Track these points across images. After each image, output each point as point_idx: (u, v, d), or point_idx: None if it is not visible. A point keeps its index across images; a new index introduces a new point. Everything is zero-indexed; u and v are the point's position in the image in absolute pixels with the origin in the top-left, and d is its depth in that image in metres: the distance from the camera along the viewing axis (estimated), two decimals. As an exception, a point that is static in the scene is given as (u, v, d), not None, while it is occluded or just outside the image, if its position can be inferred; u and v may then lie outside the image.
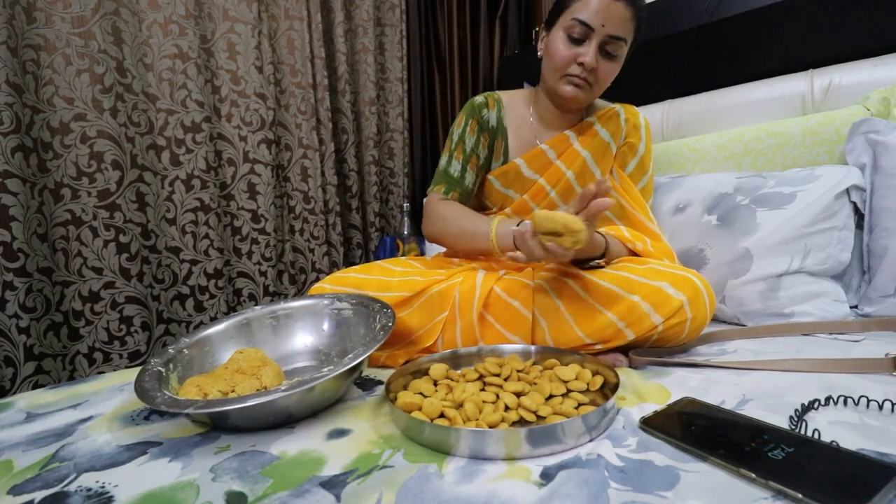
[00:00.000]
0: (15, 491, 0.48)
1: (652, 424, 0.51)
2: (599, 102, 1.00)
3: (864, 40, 1.11)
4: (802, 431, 0.47)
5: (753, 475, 0.40)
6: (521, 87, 0.99)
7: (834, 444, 0.43)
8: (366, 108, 1.81)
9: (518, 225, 0.79)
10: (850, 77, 1.09)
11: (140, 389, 0.60)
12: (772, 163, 1.10)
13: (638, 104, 1.49)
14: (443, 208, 0.92)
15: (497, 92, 1.01)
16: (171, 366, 0.68)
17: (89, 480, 0.49)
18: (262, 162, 1.53)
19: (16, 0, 1.14)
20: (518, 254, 0.70)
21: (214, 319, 1.44)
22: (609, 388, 0.60)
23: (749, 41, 1.25)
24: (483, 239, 0.83)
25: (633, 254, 0.85)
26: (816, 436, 0.46)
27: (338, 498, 0.43)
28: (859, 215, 0.94)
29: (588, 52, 0.83)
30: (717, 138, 1.21)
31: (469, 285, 0.80)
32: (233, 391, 0.62)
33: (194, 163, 1.41)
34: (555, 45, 0.86)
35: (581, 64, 0.84)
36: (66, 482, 0.49)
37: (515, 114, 0.99)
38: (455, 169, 0.95)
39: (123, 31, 1.29)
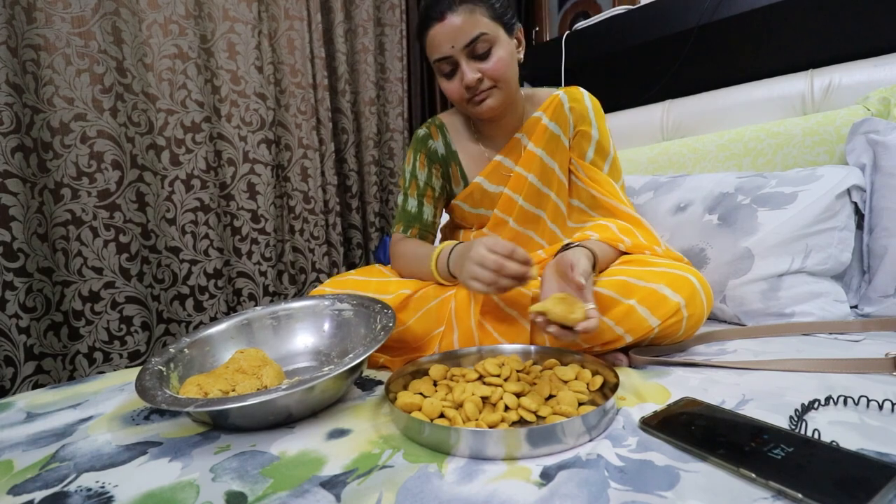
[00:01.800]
0: (15, 491, 0.48)
1: (652, 424, 0.51)
2: (541, 92, 0.96)
3: (864, 40, 1.11)
4: (802, 431, 0.47)
5: (753, 475, 0.40)
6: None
7: (834, 443, 0.43)
8: (366, 108, 1.81)
9: (451, 253, 0.80)
10: (850, 77, 1.09)
11: (141, 388, 0.60)
12: (772, 163, 1.10)
13: (638, 104, 1.50)
14: (399, 248, 0.93)
15: (438, 116, 1.01)
16: (171, 365, 0.69)
17: (89, 480, 0.49)
18: (262, 162, 1.53)
19: (16, 0, 1.14)
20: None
21: (214, 319, 1.44)
22: (609, 388, 0.60)
23: (749, 41, 1.25)
24: (427, 275, 0.85)
25: (622, 252, 0.84)
26: (816, 436, 0.46)
27: (338, 498, 0.43)
28: (859, 215, 0.95)
29: (465, 75, 0.82)
30: (717, 138, 1.21)
31: (465, 293, 0.80)
32: (233, 390, 0.62)
33: (194, 163, 1.41)
34: (444, 87, 0.87)
35: (468, 87, 0.83)
36: (66, 482, 0.49)
37: (460, 134, 0.98)
38: (412, 205, 0.96)
39: (123, 31, 1.29)
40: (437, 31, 0.80)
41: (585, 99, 0.92)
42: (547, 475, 0.45)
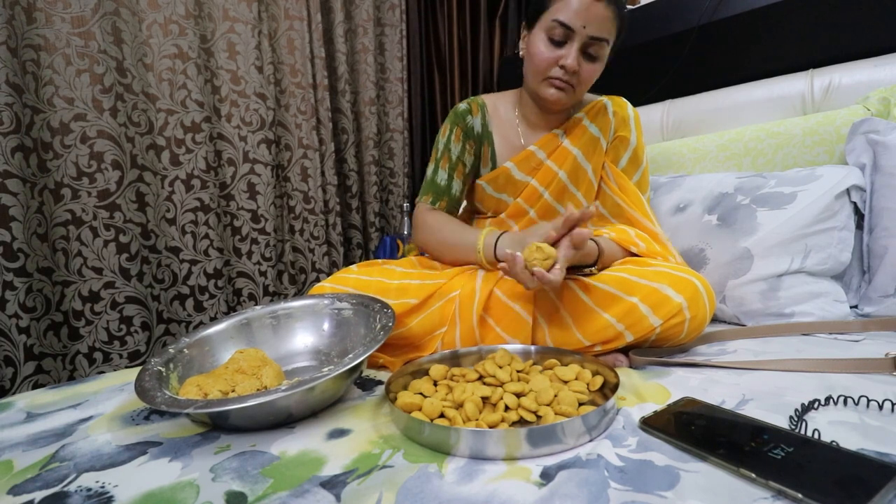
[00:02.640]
0: (15, 491, 0.48)
1: (652, 424, 0.51)
2: (587, 97, 0.98)
3: (864, 40, 1.11)
4: (802, 431, 0.47)
5: (753, 475, 0.40)
6: (521, 87, 0.98)
7: (834, 443, 0.43)
8: (366, 108, 1.81)
9: (498, 238, 0.80)
10: (850, 77, 1.09)
11: (140, 389, 0.60)
12: (772, 163, 1.10)
13: (638, 104, 1.49)
14: (430, 219, 0.92)
15: (481, 96, 1.00)
16: (171, 365, 0.68)
17: (89, 480, 0.49)
18: (262, 162, 1.53)
19: (16, 0, 1.14)
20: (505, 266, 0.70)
21: (214, 319, 1.44)
22: (609, 388, 0.60)
23: (749, 41, 1.25)
24: (470, 252, 0.84)
25: (633, 255, 0.85)
26: (816, 436, 0.46)
27: (338, 498, 0.43)
28: (859, 215, 0.94)
29: (570, 55, 0.81)
30: (717, 138, 1.21)
31: (469, 289, 0.80)
32: (233, 391, 0.62)
33: (194, 163, 1.41)
34: (536, 46, 0.84)
35: (563, 67, 0.82)
36: (66, 482, 0.49)
37: (500, 117, 0.98)
38: (442, 178, 0.95)
39: (123, 31, 1.29)
40: (584, 3, 0.79)
41: (628, 108, 0.94)
42: (547, 475, 0.45)
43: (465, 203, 1.08)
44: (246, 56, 1.48)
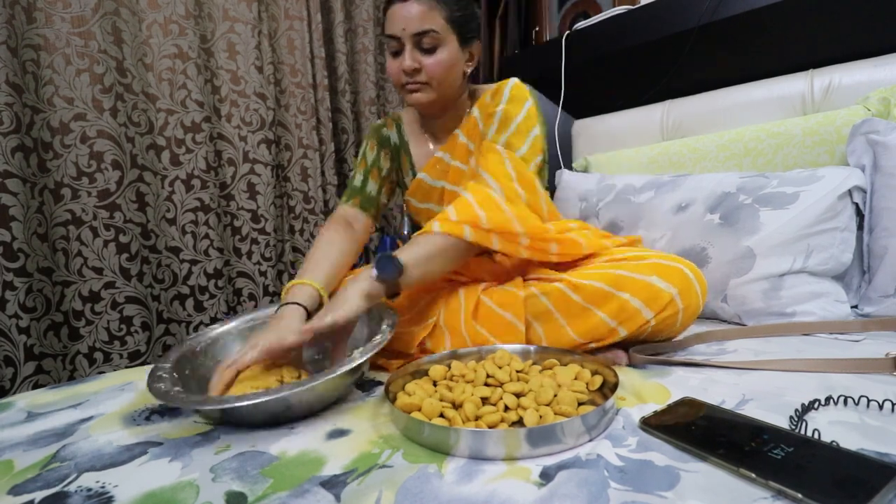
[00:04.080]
0: (15, 491, 0.48)
1: (652, 424, 0.51)
2: (483, 88, 0.96)
3: (864, 40, 1.11)
4: (802, 431, 0.47)
5: (753, 475, 0.40)
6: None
7: (834, 443, 0.43)
8: (366, 108, 1.81)
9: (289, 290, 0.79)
10: (850, 77, 1.09)
11: (153, 387, 0.61)
12: (772, 163, 1.10)
13: (638, 104, 1.50)
14: (322, 233, 0.94)
15: (397, 111, 1.07)
16: (181, 365, 0.70)
17: (90, 480, 0.49)
18: (262, 162, 1.53)
19: (16, 0, 1.14)
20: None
21: (215, 319, 1.44)
22: (608, 388, 0.60)
23: (749, 41, 1.25)
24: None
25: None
26: (816, 436, 0.46)
27: (337, 498, 0.43)
28: (860, 216, 0.95)
29: (405, 59, 0.85)
30: (718, 138, 1.21)
31: (454, 305, 0.80)
32: (281, 381, 0.65)
33: (194, 163, 1.41)
34: (387, 65, 0.90)
35: (404, 71, 0.86)
36: (66, 482, 0.49)
37: (414, 129, 1.03)
38: (358, 180, 1.02)
39: (123, 30, 1.29)
40: (395, 10, 0.84)
41: (507, 86, 0.89)
42: (546, 475, 0.45)
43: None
44: (246, 56, 1.48)
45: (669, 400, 0.58)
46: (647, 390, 0.61)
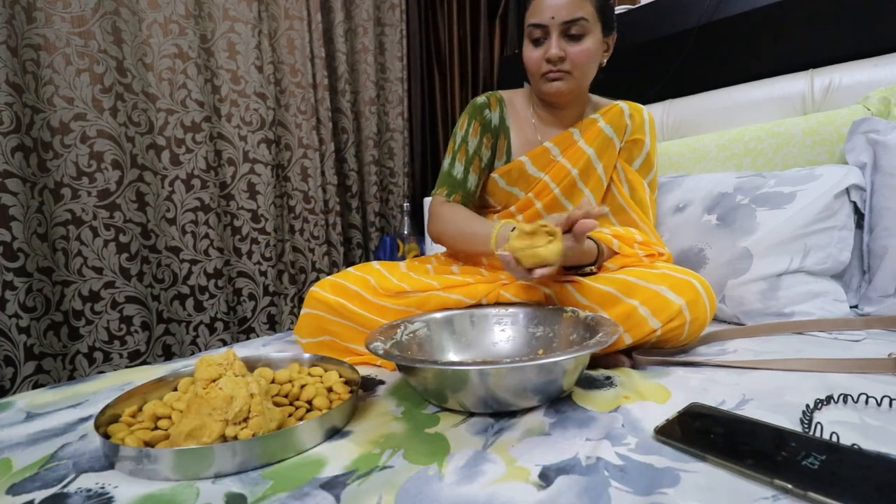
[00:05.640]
0: (14, 490, 0.48)
1: (667, 434, 0.49)
2: (602, 100, 1.00)
3: (864, 40, 1.11)
4: (818, 434, 0.47)
5: (790, 486, 0.39)
6: (521, 86, 0.99)
7: (855, 447, 0.43)
8: (366, 108, 1.81)
9: (513, 230, 0.79)
10: (850, 77, 1.09)
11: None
12: (772, 163, 1.10)
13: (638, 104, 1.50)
14: (445, 211, 0.93)
15: (499, 91, 1.01)
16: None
17: (89, 481, 0.49)
18: (262, 162, 1.53)
19: (16, 0, 1.14)
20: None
21: (214, 319, 1.44)
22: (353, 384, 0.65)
23: (749, 41, 1.25)
24: (483, 243, 0.84)
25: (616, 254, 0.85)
26: (835, 439, 0.45)
27: (337, 499, 0.43)
28: (859, 215, 0.94)
29: (551, 47, 0.85)
30: (717, 138, 1.21)
31: (474, 294, 0.81)
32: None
33: (194, 162, 1.41)
34: (525, 53, 0.89)
35: (549, 60, 0.86)
36: (65, 482, 0.49)
37: (518, 113, 0.99)
38: (458, 171, 0.96)
39: (123, 30, 1.29)
40: None
41: (644, 112, 0.96)
42: (546, 476, 0.45)
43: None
44: (246, 56, 1.48)
45: (669, 399, 0.58)
46: (647, 390, 0.61)
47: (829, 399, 0.54)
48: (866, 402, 0.53)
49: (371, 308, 0.82)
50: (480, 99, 0.98)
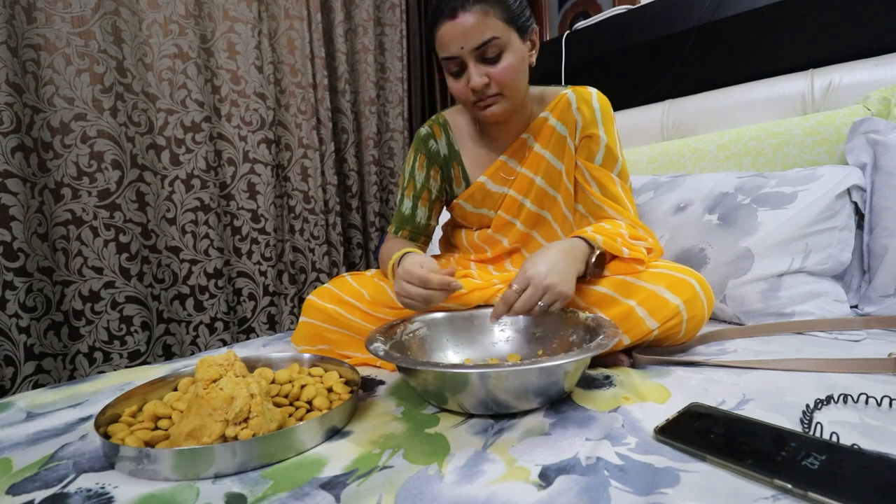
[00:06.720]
0: (14, 490, 0.48)
1: (667, 434, 0.49)
2: (551, 92, 0.92)
3: (864, 40, 1.11)
4: (818, 434, 0.47)
5: (790, 485, 0.39)
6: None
7: (855, 447, 0.43)
8: (366, 108, 1.81)
9: (402, 257, 0.78)
10: (850, 77, 1.09)
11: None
12: (772, 163, 1.10)
13: (638, 104, 1.50)
14: (385, 247, 0.93)
15: (442, 114, 0.97)
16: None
17: (89, 481, 0.49)
18: (262, 162, 1.53)
19: (16, 0, 1.14)
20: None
21: (214, 319, 1.44)
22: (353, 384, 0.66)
23: (749, 41, 1.25)
24: (388, 270, 0.83)
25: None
26: (835, 439, 0.45)
27: (337, 499, 0.43)
28: (859, 215, 0.94)
29: (471, 76, 0.78)
30: (718, 138, 1.21)
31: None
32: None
33: (194, 162, 1.41)
34: (450, 87, 0.84)
35: (473, 90, 0.80)
36: (65, 482, 0.49)
37: (464, 133, 0.95)
38: (406, 207, 0.95)
39: (123, 30, 1.29)
40: (447, 30, 0.77)
41: (594, 100, 0.87)
42: (546, 476, 0.45)
43: (449, 216, 1.07)
44: (246, 56, 1.48)
45: (669, 399, 0.58)
46: (647, 390, 0.61)
47: (829, 399, 0.54)
48: (866, 402, 0.53)
49: (368, 318, 0.83)
50: (423, 130, 0.95)
